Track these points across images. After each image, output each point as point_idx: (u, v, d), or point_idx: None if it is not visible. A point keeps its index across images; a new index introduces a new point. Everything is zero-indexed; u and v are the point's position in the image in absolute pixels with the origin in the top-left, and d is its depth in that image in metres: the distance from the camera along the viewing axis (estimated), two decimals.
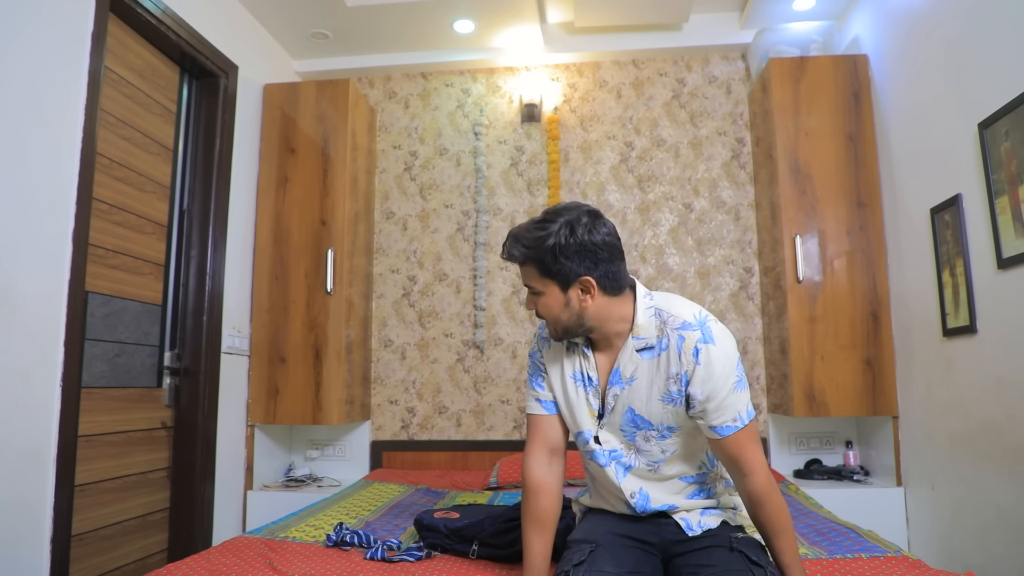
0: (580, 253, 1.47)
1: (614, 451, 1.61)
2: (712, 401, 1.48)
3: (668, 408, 1.53)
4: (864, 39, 3.34)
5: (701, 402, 1.48)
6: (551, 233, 1.47)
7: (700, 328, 1.49)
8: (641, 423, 1.56)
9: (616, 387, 1.56)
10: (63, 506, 2.21)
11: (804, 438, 3.50)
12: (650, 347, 1.53)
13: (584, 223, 1.48)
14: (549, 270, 1.49)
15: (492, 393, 3.77)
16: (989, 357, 2.41)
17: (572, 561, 1.52)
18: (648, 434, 1.57)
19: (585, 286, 1.49)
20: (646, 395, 1.54)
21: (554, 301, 1.51)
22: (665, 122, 3.87)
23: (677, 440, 1.58)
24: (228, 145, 3.24)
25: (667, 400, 1.53)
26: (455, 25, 3.65)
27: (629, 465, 1.61)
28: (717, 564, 1.49)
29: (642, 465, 1.61)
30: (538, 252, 1.48)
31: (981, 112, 2.36)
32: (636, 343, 1.54)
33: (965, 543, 2.60)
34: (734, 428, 1.48)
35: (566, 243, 1.46)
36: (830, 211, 3.21)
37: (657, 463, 1.60)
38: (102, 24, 2.43)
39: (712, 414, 1.49)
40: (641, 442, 1.59)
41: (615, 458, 1.61)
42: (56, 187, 2.25)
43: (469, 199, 3.94)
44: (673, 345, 1.50)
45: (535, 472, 1.63)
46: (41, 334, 2.17)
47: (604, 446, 1.61)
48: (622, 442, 1.61)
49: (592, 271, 1.48)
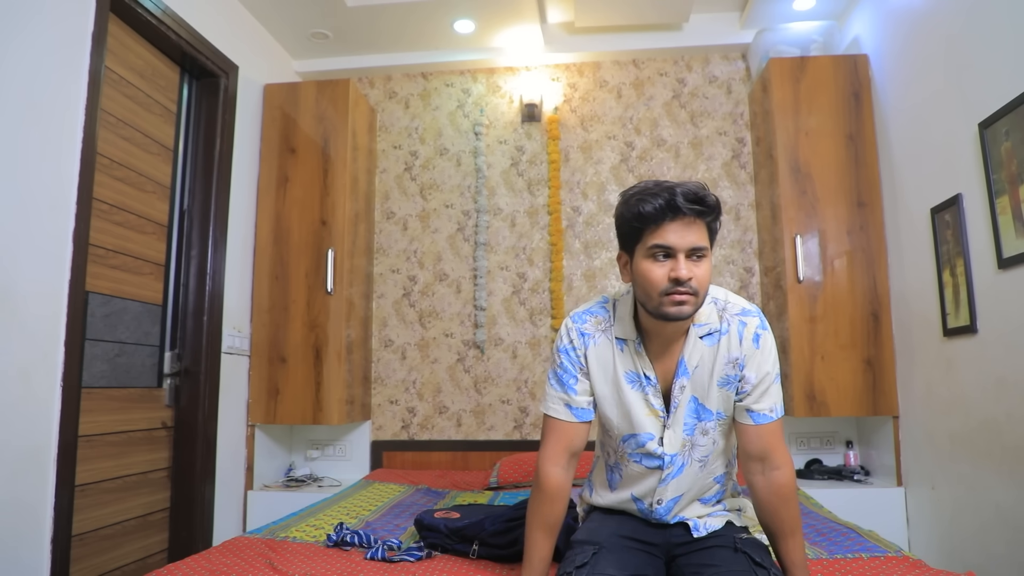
0: (621, 226, 1.49)
1: (675, 455, 1.55)
2: (761, 385, 1.51)
3: (723, 392, 1.54)
4: (864, 39, 3.34)
5: (753, 385, 1.51)
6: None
7: (758, 315, 1.53)
8: (703, 413, 1.55)
9: (683, 378, 1.53)
10: (63, 506, 2.21)
11: (804, 438, 3.50)
12: (711, 333, 1.53)
13: (620, 201, 1.49)
14: (713, 231, 1.44)
15: (492, 393, 3.77)
16: (989, 357, 2.41)
17: (575, 563, 1.51)
18: (706, 425, 1.56)
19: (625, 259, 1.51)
20: (707, 381, 1.53)
21: (710, 268, 1.44)
22: (665, 122, 3.87)
23: (722, 431, 1.58)
24: (228, 145, 3.24)
25: (723, 383, 1.53)
26: (455, 25, 3.65)
27: (682, 465, 1.56)
28: (720, 564, 1.49)
29: (694, 462, 1.57)
30: (717, 206, 1.41)
31: (981, 112, 2.36)
32: (698, 330, 1.52)
33: (965, 543, 2.60)
34: (770, 418, 1.52)
35: (616, 218, 1.49)
36: (830, 211, 3.21)
37: (707, 457, 1.58)
38: (102, 24, 2.43)
39: (755, 397, 1.51)
40: (699, 436, 1.56)
41: (674, 461, 1.56)
42: (56, 187, 2.25)
43: (469, 199, 3.94)
44: (734, 330, 1.51)
45: (554, 478, 1.55)
46: (41, 334, 2.17)
47: (667, 449, 1.54)
48: (682, 441, 1.55)
49: (627, 245, 1.50)
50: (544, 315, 3.79)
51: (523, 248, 3.86)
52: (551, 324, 3.77)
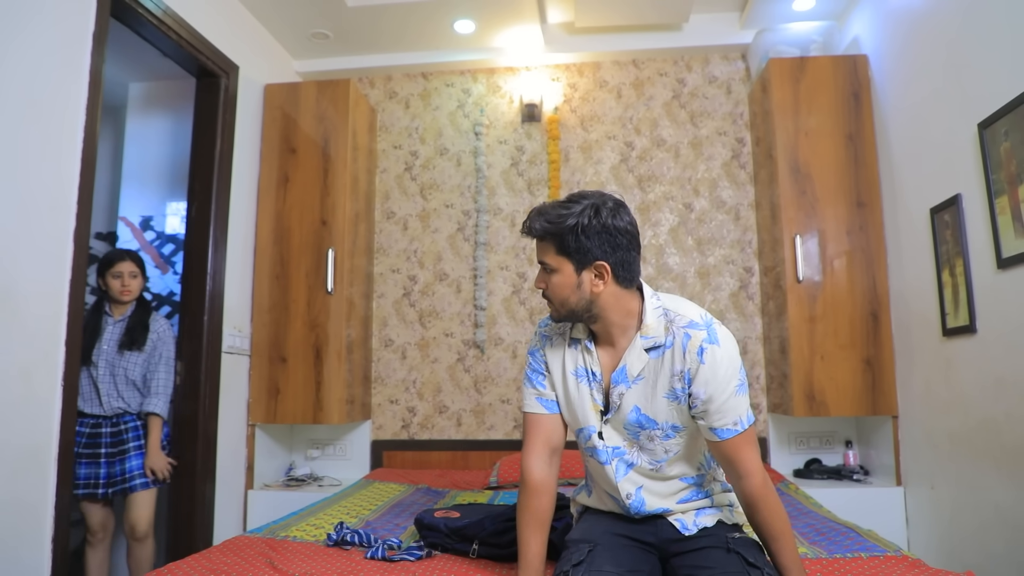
0: (601, 235, 1.49)
1: (617, 448, 1.61)
2: (714, 403, 1.48)
3: (672, 406, 1.54)
4: (864, 39, 3.34)
5: (703, 402, 1.49)
6: (575, 212, 1.49)
7: (706, 328, 1.51)
8: (646, 422, 1.56)
9: (622, 385, 1.56)
10: (64, 506, 2.22)
11: (804, 438, 3.50)
12: (657, 346, 1.54)
13: (609, 207, 1.51)
14: (567, 248, 1.50)
15: (492, 393, 3.77)
16: (988, 357, 2.41)
17: (571, 561, 1.52)
18: (652, 433, 1.57)
19: (600, 271, 1.51)
20: (651, 393, 1.54)
21: (566, 281, 1.52)
22: (665, 122, 3.87)
23: (681, 440, 1.58)
24: (229, 145, 3.25)
25: (671, 397, 1.53)
26: (456, 25, 3.65)
27: (631, 463, 1.61)
28: (714, 566, 1.49)
29: (644, 463, 1.61)
30: (560, 228, 1.49)
31: (981, 112, 2.37)
32: (644, 342, 1.54)
33: (964, 542, 2.60)
34: (734, 432, 1.49)
35: (589, 223, 1.48)
36: (830, 211, 3.21)
37: (660, 463, 1.60)
38: (103, 24, 2.43)
39: (713, 416, 1.49)
40: (645, 441, 1.58)
41: (617, 455, 1.61)
42: (57, 187, 2.25)
43: (469, 199, 3.94)
44: (679, 342, 1.51)
45: (536, 472, 1.62)
46: (42, 334, 2.18)
47: (607, 442, 1.61)
48: (625, 439, 1.61)
49: (609, 256, 1.50)
50: (544, 315, 3.76)
51: (523, 248, 3.86)
52: None
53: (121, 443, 2.71)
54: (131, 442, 2.72)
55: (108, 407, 2.71)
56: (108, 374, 2.73)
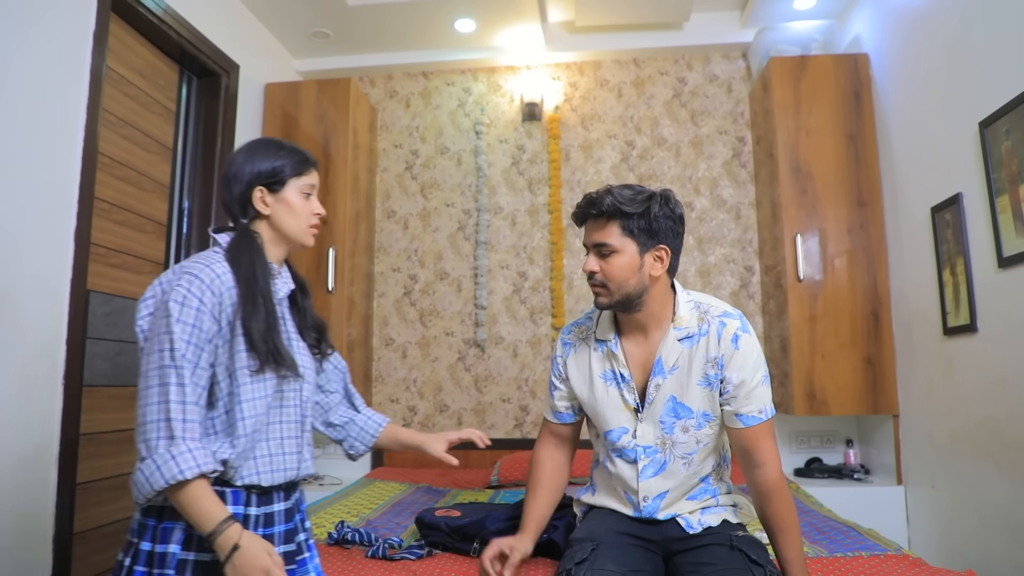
0: (669, 221, 1.54)
1: (648, 447, 1.62)
2: (745, 387, 1.54)
3: (705, 393, 1.58)
4: (865, 38, 3.34)
5: (735, 387, 1.54)
6: (650, 195, 1.53)
7: (739, 319, 1.59)
8: (682, 411, 1.59)
9: (659, 377, 1.60)
10: (66, 504, 2.22)
11: (804, 436, 3.50)
12: (690, 336, 1.59)
13: (674, 198, 1.56)
14: (635, 229, 1.53)
15: (493, 391, 3.77)
16: (989, 356, 2.41)
17: (574, 559, 1.52)
18: (687, 423, 1.60)
19: (661, 254, 1.55)
20: (686, 382, 1.58)
21: (629, 262, 1.53)
22: (666, 121, 3.87)
23: (711, 432, 1.62)
24: (229, 144, 3.24)
25: (704, 384, 1.57)
26: (456, 24, 3.65)
27: (664, 462, 1.62)
28: (717, 563, 1.50)
29: (677, 459, 1.61)
30: (633, 207, 1.51)
31: (982, 111, 2.36)
32: (677, 333, 1.59)
33: (965, 541, 2.60)
34: (759, 420, 1.55)
35: (660, 209, 1.53)
36: (831, 210, 3.21)
37: (691, 455, 1.62)
38: (104, 23, 2.43)
39: (742, 401, 1.55)
40: (679, 433, 1.60)
41: (649, 455, 1.62)
42: (58, 186, 2.25)
43: (470, 198, 3.94)
44: (714, 331, 1.57)
45: (540, 450, 1.78)
46: (44, 333, 2.18)
47: (639, 441, 1.62)
48: (658, 437, 1.62)
49: (671, 242, 1.55)
50: (545, 314, 3.79)
51: (524, 247, 3.86)
52: (552, 323, 3.77)
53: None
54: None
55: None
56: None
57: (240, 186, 1.40)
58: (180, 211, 3.10)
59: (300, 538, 1.44)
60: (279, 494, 1.38)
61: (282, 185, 1.42)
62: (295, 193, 1.44)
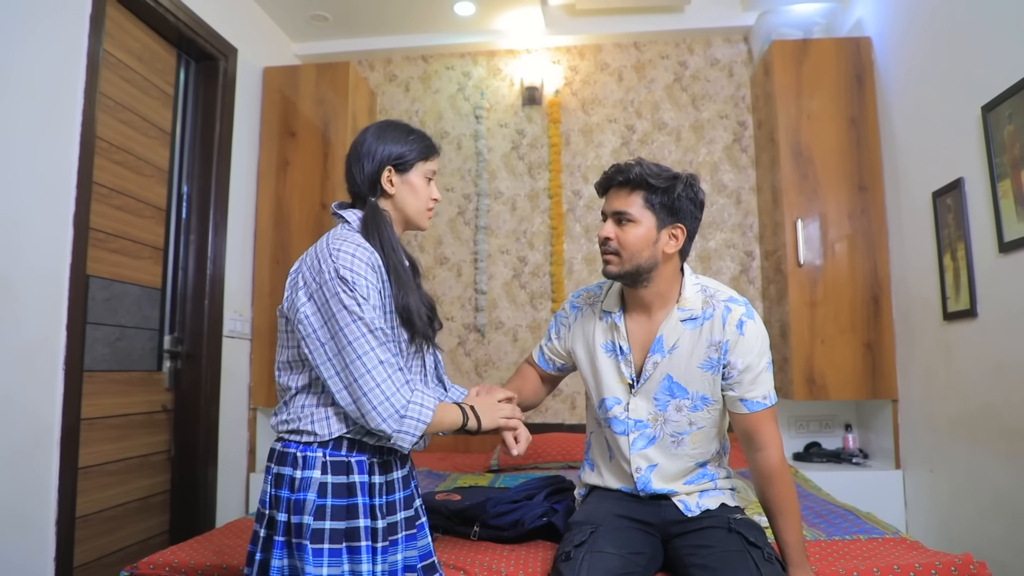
0: (691, 202, 1.58)
1: (639, 421, 1.64)
2: (750, 372, 1.56)
3: (706, 376, 1.59)
4: (867, 21, 3.31)
5: (740, 372, 1.56)
6: (676, 175, 1.57)
7: (745, 305, 1.60)
8: (677, 391, 1.61)
9: (657, 355, 1.61)
10: (67, 488, 2.23)
11: (804, 421, 3.52)
12: (694, 318, 1.60)
13: (698, 185, 1.61)
14: (656, 203, 1.56)
15: (493, 376, 3.78)
16: (989, 341, 2.41)
17: (573, 542, 1.54)
18: (681, 403, 1.61)
19: (677, 233, 1.58)
20: (686, 363, 1.60)
21: (645, 235, 1.56)
22: (667, 105, 3.85)
23: (707, 416, 1.63)
24: (228, 129, 3.23)
25: (706, 367, 1.58)
26: (456, 7, 3.62)
27: (653, 437, 1.64)
28: (715, 545, 1.52)
29: (666, 436, 1.63)
30: (659, 181, 1.55)
31: (984, 95, 2.35)
32: (681, 314, 1.61)
33: (963, 525, 2.62)
34: (763, 405, 1.57)
35: (684, 190, 1.57)
36: (831, 195, 3.20)
37: (682, 435, 1.63)
38: (100, 7, 2.41)
39: (747, 386, 1.56)
40: (672, 412, 1.62)
41: (639, 428, 1.64)
42: (56, 171, 2.25)
43: (470, 182, 3.93)
44: (719, 315, 1.58)
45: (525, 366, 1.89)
46: (43, 318, 2.18)
47: (631, 415, 1.64)
48: (651, 412, 1.64)
49: (689, 223, 1.59)
50: (545, 299, 3.79)
51: (524, 232, 3.85)
52: (551, 307, 3.77)
53: None
54: None
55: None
56: None
57: (372, 165, 1.46)
58: (179, 196, 3.10)
59: (416, 503, 1.53)
60: (397, 462, 1.47)
61: (409, 167, 1.49)
62: (419, 176, 1.51)
